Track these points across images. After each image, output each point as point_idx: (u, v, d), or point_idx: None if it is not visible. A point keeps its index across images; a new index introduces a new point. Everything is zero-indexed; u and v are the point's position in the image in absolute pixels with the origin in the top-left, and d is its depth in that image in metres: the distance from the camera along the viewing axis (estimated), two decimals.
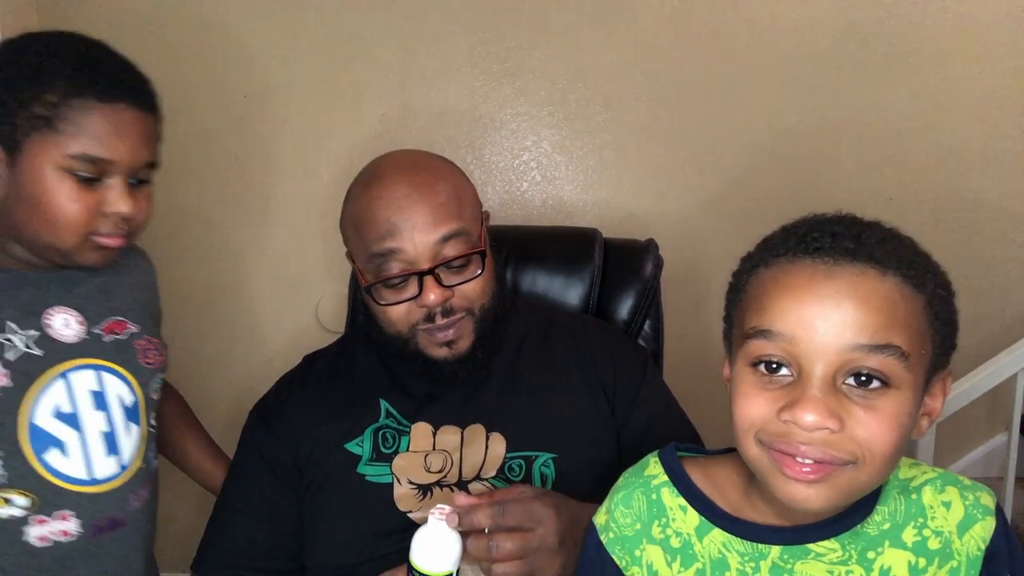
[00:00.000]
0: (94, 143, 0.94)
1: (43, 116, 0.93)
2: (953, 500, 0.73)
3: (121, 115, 0.95)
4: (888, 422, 0.64)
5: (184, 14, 1.91)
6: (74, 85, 0.93)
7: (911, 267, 0.67)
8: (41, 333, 0.99)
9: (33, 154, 0.93)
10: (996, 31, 1.99)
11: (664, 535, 0.77)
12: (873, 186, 2.02)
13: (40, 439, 0.97)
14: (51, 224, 0.95)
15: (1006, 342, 1.77)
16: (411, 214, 1.03)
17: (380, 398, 1.13)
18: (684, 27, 1.96)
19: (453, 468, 1.08)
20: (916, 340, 0.66)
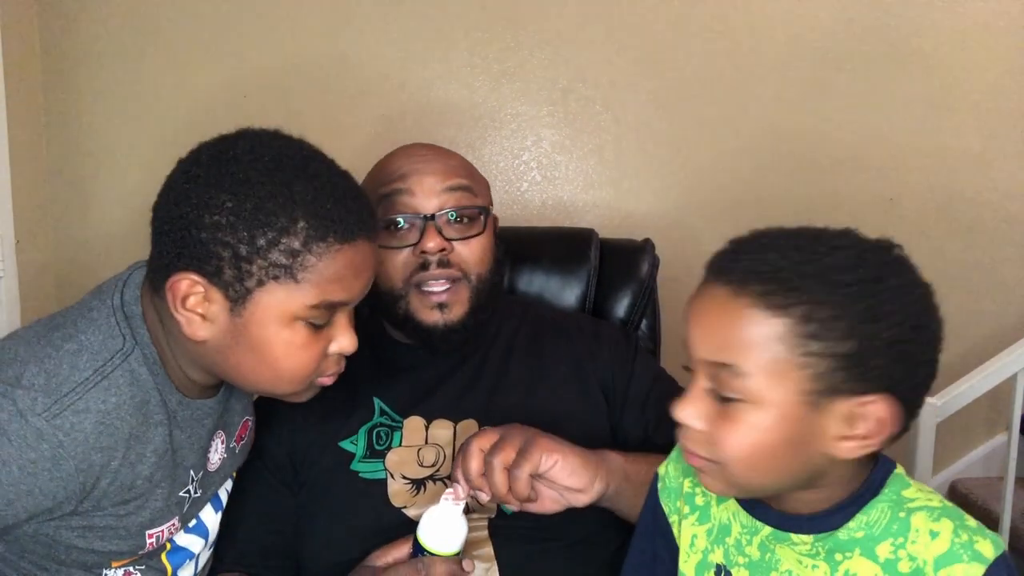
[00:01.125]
0: (337, 288, 0.82)
1: (283, 265, 0.80)
2: (943, 532, 0.70)
3: (361, 252, 0.84)
4: (740, 433, 0.69)
5: (184, 14, 1.91)
6: (318, 227, 0.80)
7: (776, 287, 0.68)
8: (204, 472, 0.95)
9: (266, 304, 0.81)
10: (996, 31, 1.99)
11: (693, 492, 0.85)
12: (873, 186, 2.02)
13: (179, 555, 0.98)
14: (277, 374, 0.84)
15: (1006, 342, 1.77)
16: (423, 165, 1.10)
17: (373, 396, 1.13)
18: (684, 28, 1.96)
19: (446, 462, 1.09)
20: (765, 360, 0.68)
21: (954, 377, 1.70)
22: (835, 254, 0.70)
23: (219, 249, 0.79)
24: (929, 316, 0.72)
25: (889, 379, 0.69)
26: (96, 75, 1.90)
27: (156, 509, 0.88)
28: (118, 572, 0.91)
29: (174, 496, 0.90)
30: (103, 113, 1.92)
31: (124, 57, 1.91)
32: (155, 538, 0.90)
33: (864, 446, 0.70)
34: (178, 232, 0.81)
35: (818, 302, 0.67)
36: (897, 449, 2.14)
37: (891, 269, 0.71)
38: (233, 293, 0.81)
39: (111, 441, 0.80)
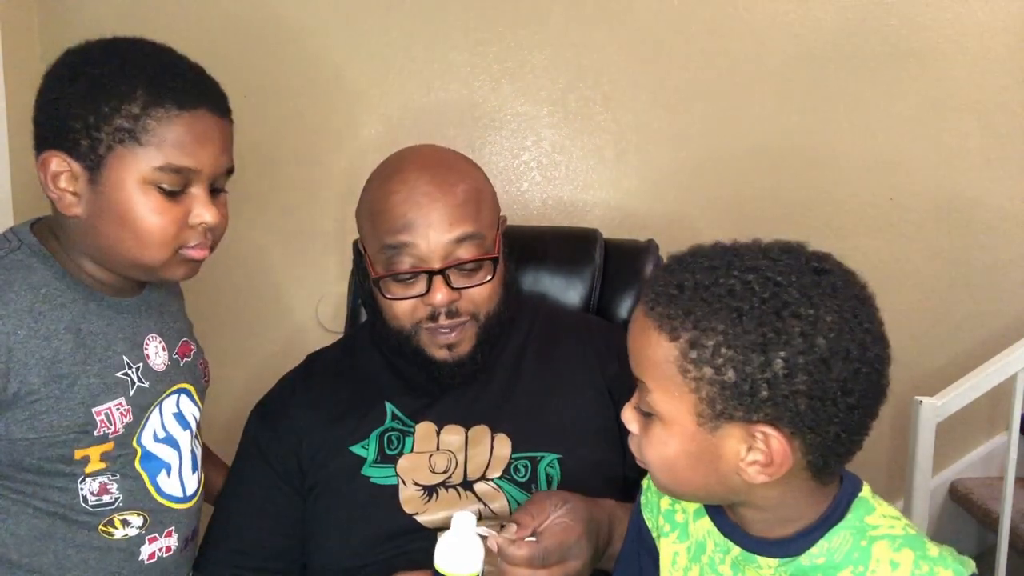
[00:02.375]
0: (179, 153, 0.90)
1: (126, 129, 0.89)
2: (903, 563, 0.68)
3: (203, 121, 0.92)
4: (651, 445, 0.74)
5: (183, 14, 1.91)
6: (155, 94, 0.89)
7: (673, 315, 0.69)
8: (144, 364, 1.00)
9: (117, 169, 0.89)
10: (996, 31, 1.99)
11: (673, 509, 0.86)
12: (873, 186, 2.02)
13: (152, 463, 1.00)
14: (139, 240, 0.91)
15: (1006, 342, 1.77)
16: (428, 211, 1.03)
17: (386, 400, 1.13)
18: (684, 27, 1.96)
19: (458, 468, 1.08)
20: (663, 380, 0.70)
21: (954, 377, 1.70)
22: (742, 277, 0.68)
23: (72, 123, 0.89)
24: (846, 346, 0.67)
25: (784, 410, 0.67)
26: None
27: (93, 385, 0.93)
28: (93, 484, 0.95)
29: (109, 376, 0.95)
30: None
31: None
32: (104, 415, 0.93)
33: (765, 472, 0.69)
34: (43, 118, 0.93)
35: (705, 329, 0.67)
36: (897, 449, 2.15)
37: (803, 295, 0.67)
38: (90, 163, 0.90)
39: (8, 311, 0.89)
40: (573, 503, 0.93)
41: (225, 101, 0.98)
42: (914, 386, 1.96)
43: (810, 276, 0.69)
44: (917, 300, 2.06)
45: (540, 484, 1.07)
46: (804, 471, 0.71)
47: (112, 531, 0.96)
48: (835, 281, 0.69)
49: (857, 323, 0.68)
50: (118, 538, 0.97)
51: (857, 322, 0.68)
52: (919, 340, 2.07)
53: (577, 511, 0.92)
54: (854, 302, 0.69)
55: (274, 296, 2.02)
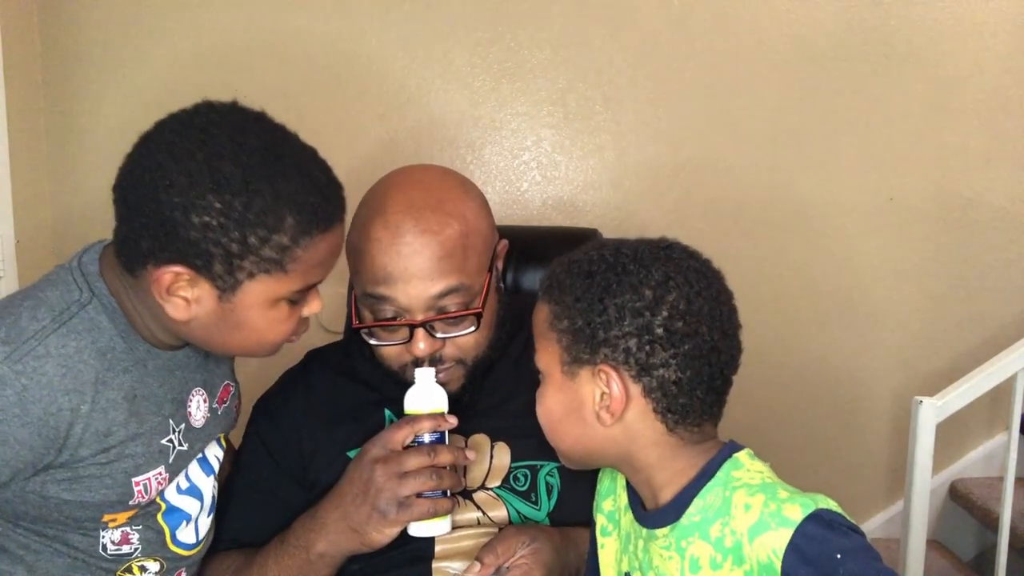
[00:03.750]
0: (320, 272, 0.89)
1: (274, 260, 0.84)
2: (755, 505, 0.74)
3: (338, 234, 0.90)
4: (538, 402, 0.86)
5: (183, 16, 1.91)
6: (304, 223, 0.84)
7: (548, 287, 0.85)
8: (186, 424, 0.97)
9: (255, 292, 0.85)
10: (996, 31, 1.99)
11: (613, 508, 0.93)
12: (873, 186, 2.02)
13: (174, 516, 0.99)
14: (259, 346, 0.91)
15: (1006, 342, 1.77)
16: (407, 264, 0.98)
17: (385, 408, 1.12)
18: (684, 27, 1.96)
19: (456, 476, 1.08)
20: (541, 340, 0.85)
21: (954, 377, 1.70)
22: (594, 252, 0.83)
23: (210, 247, 0.82)
24: (673, 299, 0.78)
25: (619, 351, 0.79)
26: (96, 76, 1.90)
27: (138, 455, 0.90)
28: (115, 533, 0.93)
29: (155, 444, 0.92)
30: (104, 114, 1.92)
31: (124, 58, 1.91)
32: (143, 486, 0.92)
33: (611, 413, 0.80)
34: (160, 225, 0.82)
35: (565, 290, 0.82)
36: (897, 449, 2.15)
37: (636, 260, 0.80)
38: (222, 283, 0.84)
39: (75, 384, 0.84)
40: (540, 542, 0.95)
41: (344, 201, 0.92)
42: (914, 386, 1.96)
43: (653, 250, 0.82)
44: (917, 300, 2.06)
45: (540, 493, 1.07)
46: (658, 423, 0.80)
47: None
48: (672, 253, 0.82)
49: (686, 283, 0.79)
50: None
51: (686, 282, 0.79)
52: (919, 340, 2.07)
53: (541, 552, 0.94)
54: (688, 270, 0.81)
55: None
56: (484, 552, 0.95)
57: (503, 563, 0.94)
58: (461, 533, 1.04)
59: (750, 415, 2.07)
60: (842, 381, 2.07)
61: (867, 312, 2.06)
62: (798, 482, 0.80)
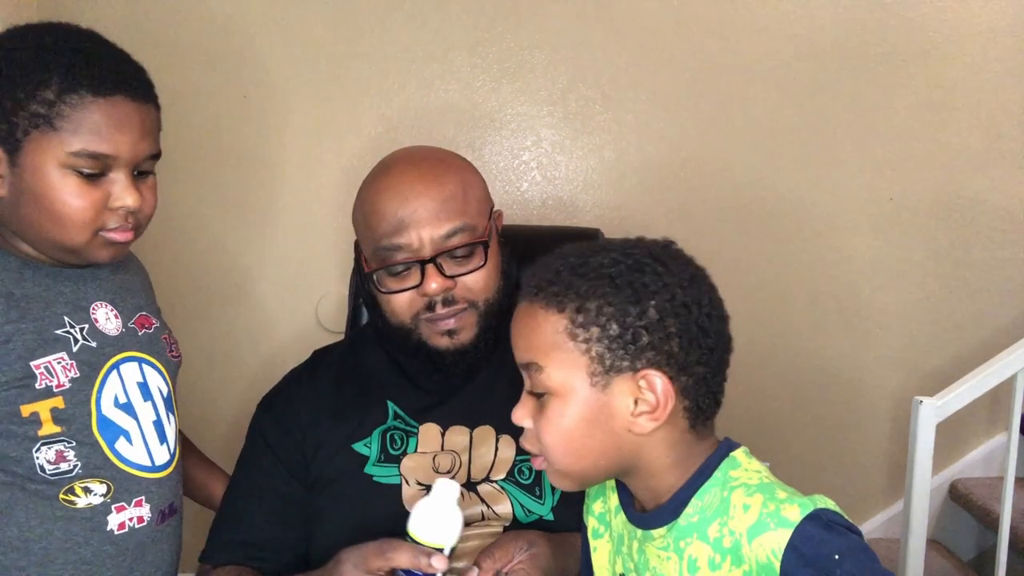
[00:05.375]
0: (94, 138, 0.92)
1: (41, 114, 0.91)
2: (754, 505, 0.74)
3: (119, 108, 0.94)
4: (549, 423, 0.79)
5: (185, 14, 1.91)
6: (69, 80, 0.91)
7: (555, 290, 0.79)
8: (90, 325, 1.00)
9: (34, 153, 0.92)
10: (996, 31, 1.99)
11: (603, 509, 0.92)
12: (873, 186, 2.02)
13: (109, 429, 0.99)
14: (58, 222, 0.93)
15: (1006, 342, 1.77)
16: (415, 207, 1.04)
17: (387, 399, 1.13)
18: (684, 27, 1.96)
19: (462, 469, 1.08)
20: (556, 352, 0.78)
21: (954, 377, 1.70)
22: (602, 254, 0.80)
23: None
24: (697, 296, 0.79)
25: (662, 353, 0.77)
26: None
27: (28, 340, 0.94)
28: (49, 452, 0.95)
29: (48, 332, 0.96)
30: None
31: None
32: (44, 368, 0.94)
33: (654, 418, 0.77)
34: None
35: (586, 295, 0.78)
36: (897, 449, 2.15)
37: (656, 260, 0.79)
38: (8, 147, 0.92)
39: None
40: (537, 547, 0.95)
41: (145, 87, 0.98)
42: (914, 386, 1.97)
43: (657, 248, 0.82)
44: (917, 300, 2.06)
45: (544, 486, 1.08)
46: (683, 420, 0.79)
47: (74, 499, 0.96)
48: (679, 251, 0.83)
49: (701, 279, 0.81)
50: (81, 507, 0.97)
51: (701, 278, 0.81)
52: (919, 340, 2.07)
53: (538, 558, 0.94)
54: (694, 267, 0.82)
55: (275, 296, 2.02)
56: (483, 557, 0.96)
57: (501, 568, 0.94)
58: (466, 532, 1.05)
59: (751, 414, 2.07)
60: (842, 381, 2.07)
61: (867, 312, 2.06)
62: (798, 482, 0.80)
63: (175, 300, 1.97)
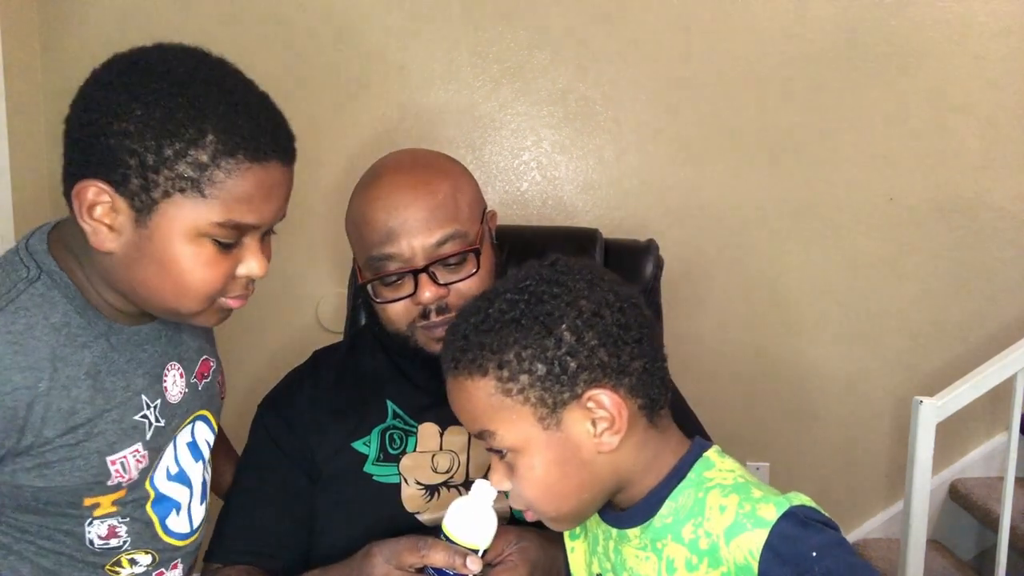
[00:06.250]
0: (244, 209, 0.82)
1: (189, 177, 0.79)
2: (729, 506, 0.74)
3: (272, 175, 0.83)
4: (524, 479, 0.79)
5: (182, 13, 1.91)
6: (227, 142, 0.80)
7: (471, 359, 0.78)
8: (162, 400, 0.94)
9: (171, 217, 0.80)
10: (996, 31, 1.99)
11: None
12: (873, 186, 2.02)
13: (163, 505, 0.96)
14: (181, 290, 0.83)
15: (1006, 342, 1.77)
16: (406, 217, 1.03)
17: (387, 399, 1.13)
18: (684, 27, 1.96)
19: (460, 469, 1.09)
20: (499, 414, 0.77)
21: (954, 377, 1.70)
22: (497, 301, 0.79)
23: (126, 157, 0.79)
24: (602, 298, 0.78)
25: (594, 370, 0.76)
26: None
27: (109, 433, 0.87)
28: (102, 527, 0.91)
29: (127, 420, 0.89)
30: None
31: None
32: (119, 465, 0.89)
33: (615, 431, 0.77)
34: (86, 140, 0.80)
35: (500, 349, 0.77)
36: (897, 449, 2.15)
37: (550, 283, 0.78)
38: (139, 203, 0.80)
39: (30, 361, 0.81)
40: (527, 541, 0.95)
41: (294, 145, 0.88)
42: (914, 386, 1.96)
43: (545, 270, 0.80)
44: (917, 300, 2.06)
45: None
46: (642, 419, 0.79)
47: (119, 570, 0.94)
48: (565, 263, 0.81)
49: (599, 279, 0.79)
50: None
51: (599, 278, 0.79)
52: (919, 340, 2.07)
53: (527, 551, 0.94)
54: (587, 270, 0.80)
55: (274, 297, 2.02)
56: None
57: (491, 559, 0.94)
58: None
59: (751, 415, 2.07)
60: (842, 381, 2.08)
61: (867, 312, 2.06)
62: (798, 482, 0.80)
63: None
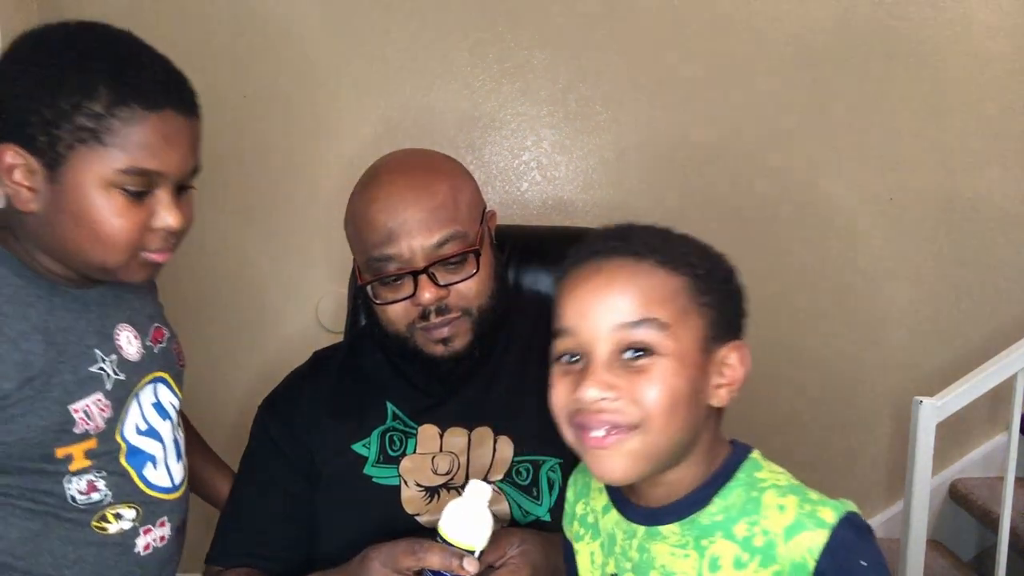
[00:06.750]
0: (145, 155, 0.87)
1: (88, 128, 0.85)
2: (789, 506, 0.75)
3: (169, 122, 0.89)
4: (657, 383, 0.74)
5: (184, 14, 1.91)
6: (118, 92, 0.86)
7: (666, 253, 0.79)
8: (118, 356, 0.98)
9: (78, 169, 0.86)
10: (996, 31, 1.99)
11: (585, 511, 0.91)
12: (873, 186, 2.02)
13: (137, 457, 0.99)
14: (99, 242, 0.88)
15: (1006, 342, 1.77)
16: (405, 218, 1.03)
17: (386, 400, 1.13)
18: (684, 27, 1.96)
19: (460, 470, 1.08)
20: (677, 313, 0.76)
21: (954, 377, 1.70)
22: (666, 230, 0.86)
23: (29, 116, 0.85)
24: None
25: (737, 327, 0.81)
26: None
27: (68, 384, 0.92)
28: (81, 482, 0.94)
29: (83, 371, 0.93)
30: None
31: None
32: (83, 413, 0.92)
33: (731, 391, 0.79)
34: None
35: (697, 263, 0.79)
36: (897, 449, 2.15)
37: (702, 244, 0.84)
38: (49, 160, 0.86)
39: None
40: (529, 544, 0.95)
41: (193, 98, 0.93)
42: (914, 386, 1.96)
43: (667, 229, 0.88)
44: (917, 300, 2.06)
45: (542, 488, 1.08)
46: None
47: (106, 526, 0.96)
48: None
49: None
50: (112, 532, 0.96)
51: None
52: (919, 340, 2.07)
53: (529, 554, 0.94)
54: None
55: (275, 296, 2.02)
56: None
57: (493, 561, 0.94)
58: None
59: (750, 414, 2.07)
60: (842, 381, 2.08)
61: (867, 312, 2.06)
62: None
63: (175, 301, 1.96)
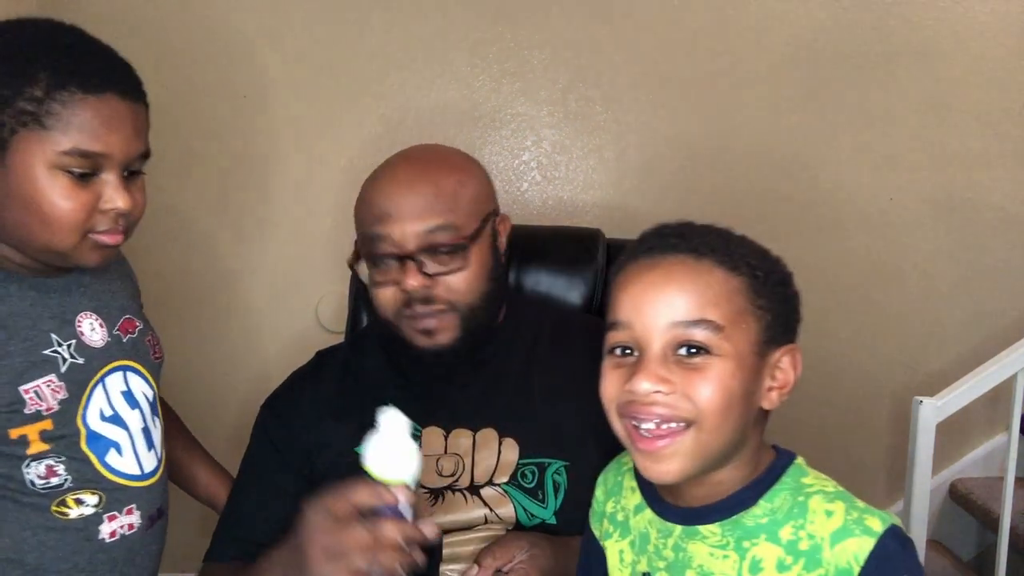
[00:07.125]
0: (86, 137, 0.89)
1: (29, 112, 0.88)
2: (836, 511, 0.76)
3: (110, 106, 0.91)
4: (712, 382, 0.75)
5: (184, 14, 1.91)
6: (58, 77, 0.89)
7: (726, 254, 0.79)
8: (77, 341, 0.99)
9: (22, 152, 0.89)
10: (996, 31, 1.99)
11: (615, 509, 0.91)
12: (873, 186, 2.02)
13: (98, 443, 0.99)
14: (47, 225, 0.91)
15: (1006, 342, 1.77)
16: (401, 202, 1.04)
17: (390, 402, 1.13)
18: (684, 27, 1.96)
19: (465, 472, 1.08)
20: (733, 315, 0.77)
21: (954, 377, 1.70)
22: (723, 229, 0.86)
23: None
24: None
25: (792, 331, 0.82)
26: None
27: (17, 365, 0.92)
28: (40, 467, 0.94)
29: (35, 353, 0.94)
30: None
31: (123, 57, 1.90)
32: (34, 393, 0.93)
33: (782, 395, 0.80)
34: None
35: (756, 265, 0.79)
36: (897, 449, 2.15)
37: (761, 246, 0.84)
38: None
39: None
40: (539, 548, 0.95)
41: (135, 84, 0.96)
42: (914, 386, 1.97)
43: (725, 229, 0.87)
44: (917, 300, 2.06)
45: (547, 491, 1.07)
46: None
47: (66, 511, 0.96)
48: None
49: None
50: (73, 517, 0.96)
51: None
52: (919, 340, 2.07)
53: (539, 558, 0.94)
54: None
55: (274, 297, 2.02)
56: (483, 555, 0.96)
57: (501, 566, 0.94)
58: (469, 535, 1.05)
59: None
60: (842, 381, 2.07)
61: (867, 312, 2.06)
62: None
63: (175, 301, 1.97)
